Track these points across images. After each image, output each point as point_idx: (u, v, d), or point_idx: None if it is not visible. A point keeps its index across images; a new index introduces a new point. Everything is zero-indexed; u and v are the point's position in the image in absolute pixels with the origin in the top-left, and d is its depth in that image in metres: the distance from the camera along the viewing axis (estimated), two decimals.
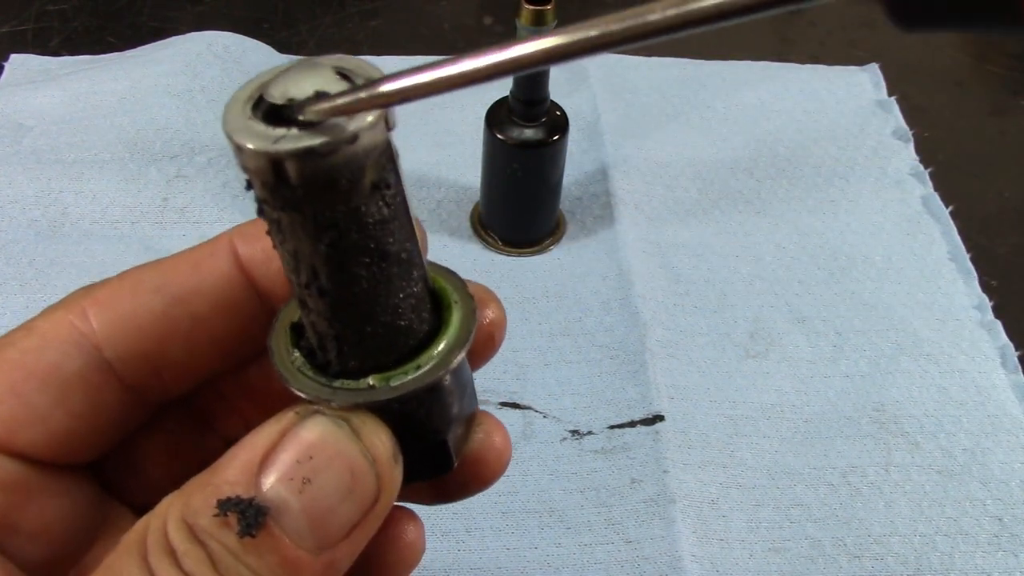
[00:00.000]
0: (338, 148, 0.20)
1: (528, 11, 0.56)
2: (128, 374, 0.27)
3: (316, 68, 0.22)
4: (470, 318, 0.25)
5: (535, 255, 0.66)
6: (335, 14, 0.86)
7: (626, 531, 0.52)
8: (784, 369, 0.60)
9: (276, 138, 0.20)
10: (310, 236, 0.22)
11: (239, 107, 0.21)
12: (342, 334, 0.24)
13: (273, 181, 0.21)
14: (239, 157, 0.21)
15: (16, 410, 0.25)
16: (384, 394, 0.24)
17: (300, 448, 0.23)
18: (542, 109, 0.62)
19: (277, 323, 0.26)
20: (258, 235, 0.28)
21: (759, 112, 0.77)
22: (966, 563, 0.52)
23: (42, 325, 0.27)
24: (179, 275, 0.28)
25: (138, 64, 0.75)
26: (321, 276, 0.23)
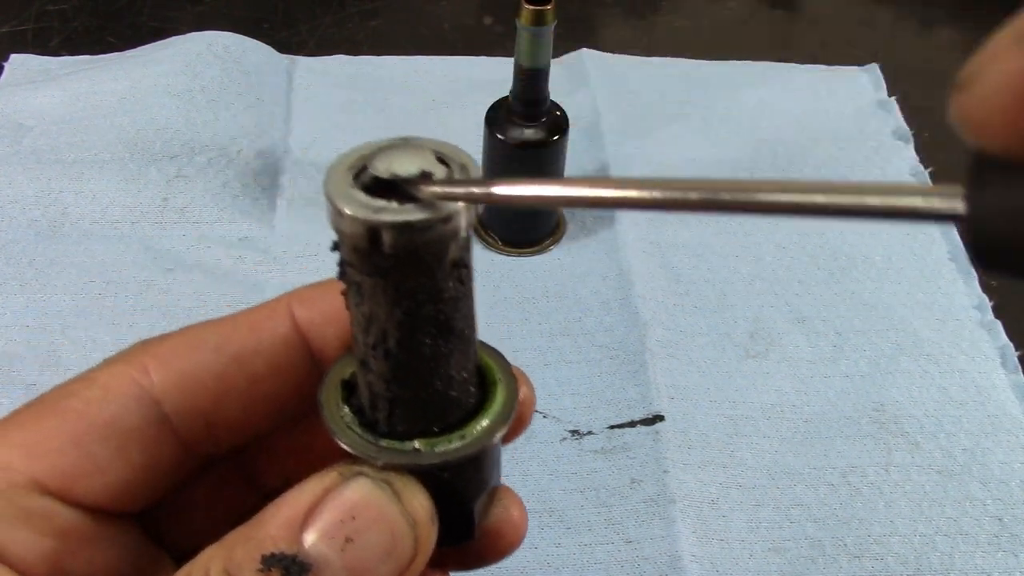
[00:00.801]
0: (433, 226, 0.22)
1: (528, 11, 0.56)
2: (183, 429, 0.28)
3: (418, 149, 0.23)
4: (512, 398, 0.27)
5: (535, 255, 0.66)
6: (335, 14, 0.86)
7: (626, 531, 0.52)
8: (784, 369, 0.60)
9: (377, 208, 0.22)
10: (389, 302, 0.23)
11: (341, 174, 0.23)
12: (397, 396, 0.25)
13: (366, 247, 0.22)
14: (337, 221, 0.22)
15: (77, 460, 0.26)
16: (428, 459, 0.25)
17: (343, 508, 0.23)
18: (542, 109, 0.62)
19: (327, 378, 0.27)
20: (316, 300, 0.29)
21: (759, 112, 0.77)
22: (966, 563, 0.52)
23: (103, 378, 0.28)
24: (238, 335, 0.29)
25: (138, 64, 0.75)
26: (390, 340, 0.24)
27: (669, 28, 0.88)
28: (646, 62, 0.81)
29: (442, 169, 0.23)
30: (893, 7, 0.91)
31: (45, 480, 0.26)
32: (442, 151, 0.24)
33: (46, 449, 0.26)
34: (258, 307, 0.30)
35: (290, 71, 0.78)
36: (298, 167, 0.70)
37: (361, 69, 0.79)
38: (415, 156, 0.23)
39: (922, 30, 0.90)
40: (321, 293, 0.29)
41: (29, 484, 0.26)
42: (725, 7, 0.90)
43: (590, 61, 0.80)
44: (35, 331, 0.59)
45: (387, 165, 0.22)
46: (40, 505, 0.26)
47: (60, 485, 0.26)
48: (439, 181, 0.22)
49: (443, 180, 0.22)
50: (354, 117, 0.75)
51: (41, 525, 0.26)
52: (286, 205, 0.68)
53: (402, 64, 0.80)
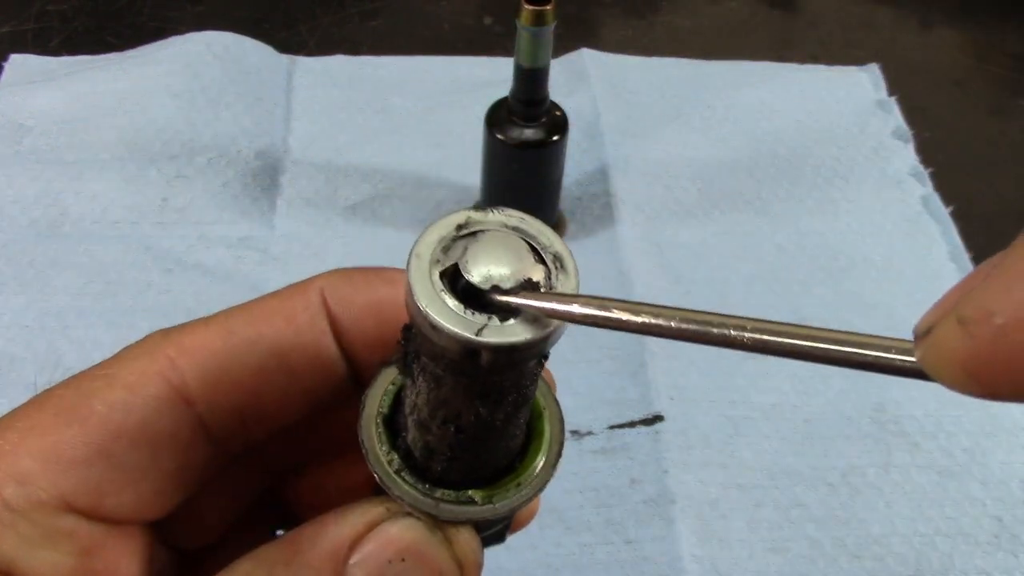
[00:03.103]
0: (536, 345, 0.20)
1: (528, 11, 0.56)
2: (217, 427, 0.26)
3: (509, 245, 0.21)
4: (560, 431, 0.25)
5: None
6: (335, 14, 0.86)
7: (626, 531, 0.52)
8: (784, 369, 0.60)
9: (479, 327, 0.20)
10: (469, 398, 0.22)
11: (425, 273, 0.21)
12: (458, 458, 0.24)
13: (460, 361, 0.21)
14: (428, 332, 0.20)
15: (106, 473, 0.24)
16: (488, 513, 0.24)
17: (392, 548, 0.23)
18: (542, 109, 0.62)
19: (365, 412, 0.25)
20: (352, 294, 0.27)
21: (759, 112, 0.77)
22: (966, 563, 0.52)
23: (126, 375, 0.25)
24: (274, 327, 0.27)
25: (138, 64, 0.75)
26: (463, 421, 0.23)
27: (669, 28, 0.88)
28: (646, 62, 0.81)
29: (540, 270, 0.21)
30: (893, 7, 0.91)
31: (71, 497, 0.24)
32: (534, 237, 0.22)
33: (71, 461, 0.24)
34: (288, 292, 0.27)
35: (290, 71, 0.78)
36: (298, 167, 0.70)
37: (361, 69, 0.79)
38: (511, 254, 0.21)
39: (922, 30, 0.90)
40: (356, 288, 0.28)
41: (54, 502, 0.24)
42: (725, 7, 0.90)
43: (590, 61, 0.80)
44: (35, 331, 0.59)
45: (484, 271, 0.21)
46: (64, 524, 0.24)
47: (88, 502, 0.24)
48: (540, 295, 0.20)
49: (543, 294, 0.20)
50: (354, 117, 0.75)
51: (66, 545, 0.24)
52: (286, 205, 0.68)
53: (402, 64, 0.80)
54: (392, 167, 0.71)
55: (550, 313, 0.20)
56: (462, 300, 0.20)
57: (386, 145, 0.73)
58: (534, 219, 0.22)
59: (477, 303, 0.20)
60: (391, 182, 0.70)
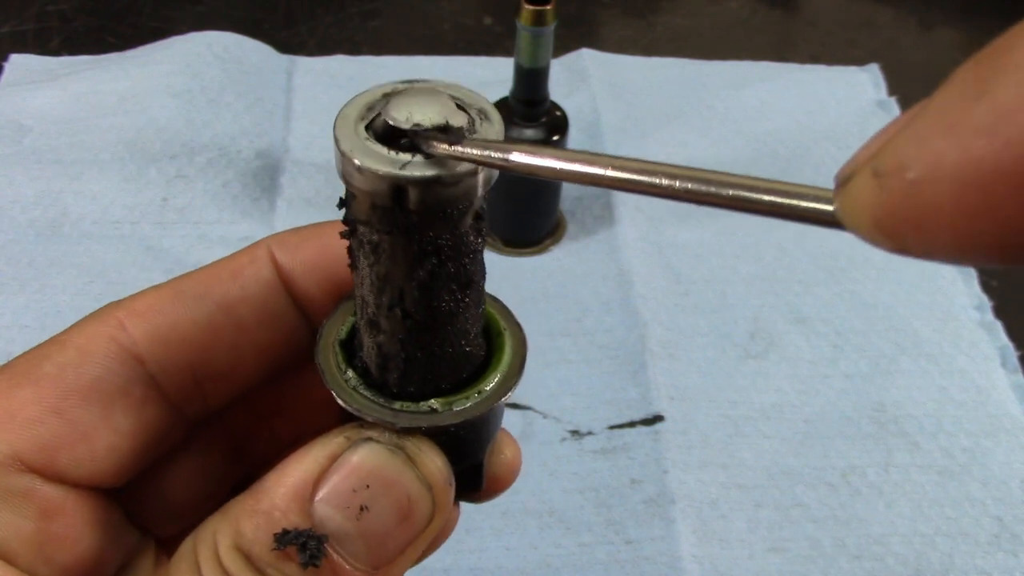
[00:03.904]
0: (462, 179, 0.20)
1: (528, 11, 0.56)
2: (171, 387, 0.26)
3: (434, 95, 0.21)
4: (522, 347, 0.26)
5: (535, 255, 0.66)
6: (335, 14, 0.86)
7: (626, 531, 0.52)
8: (784, 369, 0.60)
9: (402, 163, 0.20)
10: (410, 261, 0.22)
11: (350, 126, 0.21)
12: (412, 356, 0.24)
13: (389, 205, 0.21)
14: (353, 176, 0.21)
15: (57, 429, 0.24)
16: (448, 419, 0.24)
17: (356, 476, 0.22)
18: (542, 109, 0.62)
19: (322, 340, 0.25)
20: (298, 245, 0.28)
21: (759, 112, 0.77)
22: (966, 563, 0.52)
23: (76, 338, 0.25)
24: (221, 283, 0.27)
25: (138, 64, 0.75)
26: (407, 300, 0.23)
27: (669, 28, 0.88)
28: (646, 62, 0.81)
29: (462, 116, 0.21)
30: (893, 7, 0.91)
31: (25, 455, 0.24)
32: (458, 95, 0.22)
33: (23, 420, 0.24)
34: (237, 253, 0.28)
35: (290, 71, 0.78)
36: (298, 167, 0.70)
37: (361, 69, 0.79)
38: (433, 103, 0.21)
39: (922, 30, 0.90)
40: (303, 238, 0.28)
41: (7, 460, 0.24)
42: (725, 7, 0.90)
43: (590, 61, 0.80)
44: (35, 331, 0.59)
45: (405, 114, 0.21)
46: (21, 483, 0.24)
47: (42, 459, 0.24)
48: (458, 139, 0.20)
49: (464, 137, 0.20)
50: None
51: (23, 505, 0.24)
52: (286, 205, 0.68)
53: (402, 64, 0.80)
54: None
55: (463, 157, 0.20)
56: (386, 144, 0.20)
57: None
58: (463, 86, 0.22)
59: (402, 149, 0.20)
60: None
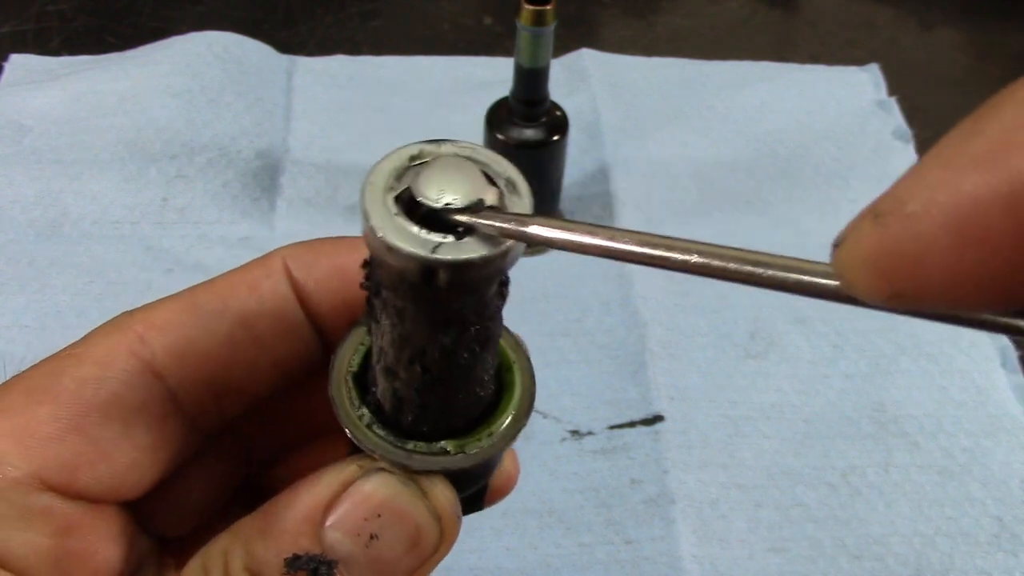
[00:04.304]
0: (494, 261, 0.21)
1: (528, 11, 0.56)
2: (188, 402, 0.26)
3: (464, 169, 0.21)
4: (531, 383, 0.26)
5: (535, 255, 0.66)
6: (335, 14, 0.86)
7: (626, 531, 0.52)
8: (784, 369, 0.60)
9: (434, 245, 0.20)
10: (433, 328, 0.22)
11: (379, 197, 0.21)
12: (427, 404, 0.24)
13: (417, 282, 0.21)
14: (382, 254, 0.21)
15: (79, 448, 0.24)
16: (460, 462, 0.24)
17: (367, 505, 0.23)
18: (542, 109, 0.62)
19: (335, 372, 0.25)
20: (312, 260, 0.28)
21: (759, 112, 0.77)
22: (966, 563, 0.52)
23: (94, 352, 0.25)
24: (238, 297, 0.27)
25: (138, 64, 0.75)
26: (427, 358, 0.23)
27: (669, 28, 0.88)
28: (646, 62, 0.81)
29: (493, 192, 0.21)
30: (893, 7, 0.91)
31: (45, 473, 0.24)
32: (486, 161, 0.22)
33: (43, 438, 0.24)
34: (250, 265, 0.28)
35: (290, 71, 0.78)
36: (298, 167, 0.70)
37: (361, 69, 0.79)
38: (464, 178, 0.21)
39: (922, 30, 0.90)
40: (318, 254, 0.28)
41: (28, 480, 0.24)
42: (725, 7, 0.90)
43: (590, 61, 0.80)
44: (35, 331, 0.59)
45: (436, 192, 0.21)
46: (40, 502, 0.24)
47: (62, 478, 0.24)
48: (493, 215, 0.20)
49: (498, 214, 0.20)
50: (354, 117, 0.75)
51: (42, 524, 0.24)
52: (286, 205, 0.68)
53: (402, 64, 0.80)
54: None
55: (506, 233, 0.20)
56: (417, 222, 0.21)
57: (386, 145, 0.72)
58: (486, 149, 0.22)
59: (432, 225, 0.21)
60: None
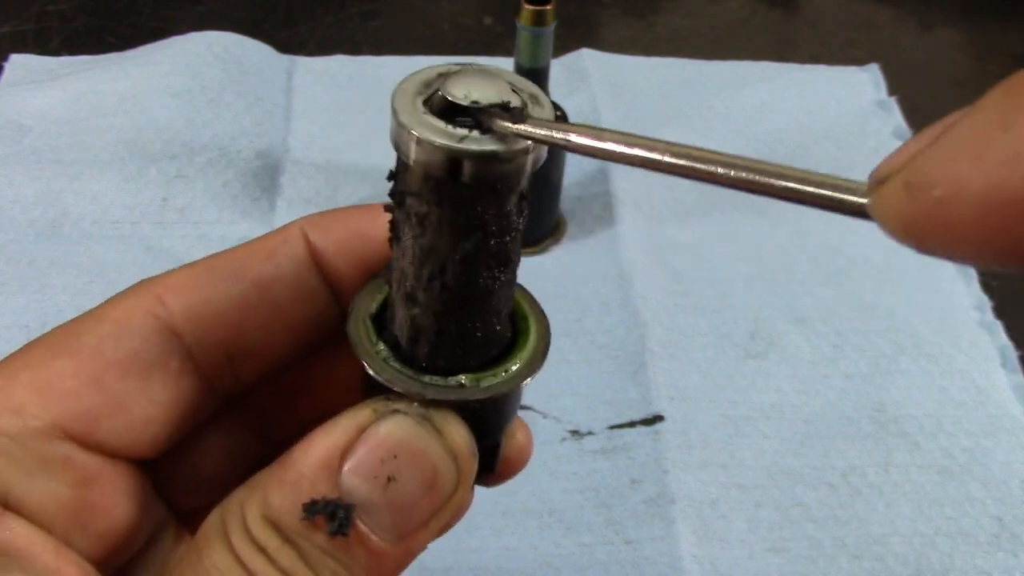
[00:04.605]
0: (516, 157, 0.21)
1: (528, 11, 0.56)
2: (205, 362, 0.27)
3: (491, 77, 0.22)
4: (545, 332, 0.26)
5: (535, 255, 0.66)
6: (335, 14, 0.86)
7: (626, 531, 0.52)
8: (784, 369, 0.60)
9: (460, 137, 0.21)
10: (456, 234, 0.23)
11: (408, 100, 0.22)
12: (445, 330, 0.24)
13: (443, 177, 0.21)
14: (409, 148, 0.21)
15: (98, 400, 0.25)
16: (474, 394, 0.24)
17: (383, 447, 0.23)
18: None
19: (354, 312, 0.26)
20: (331, 226, 0.28)
21: (759, 112, 0.77)
22: (966, 563, 0.52)
23: (113, 312, 0.26)
24: (255, 262, 0.27)
25: (138, 64, 0.75)
26: (448, 273, 0.23)
27: (669, 28, 0.88)
28: (646, 62, 0.81)
29: (517, 98, 0.22)
30: (893, 7, 0.91)
31: (65, 423, 0.24)
32: (510, 79, 0.23)
33: (63, 390, 0.24)
34: (270, 234, 0.28)
35: (290, 71, 0.78)
36: (298, 167, 0.70)
37: (361, 69, 0.79)
38: (491, 83, 0.22)
39: (922, 30, 0.90)
40: (336, 220, 0.28)
41: (47, 429, 0.24)
42: (725, 7, 0.90)
43: (590, 61, 0.80)
44: (35, 331, 0.59)
45: (465, 91, 0.21)
46: (59, 451, 0.24)
47: (81, 428, 0.24)
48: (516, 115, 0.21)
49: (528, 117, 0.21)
50: (354, 117, 0.75)
51: (60, 473, 0.24)
52: (286, 205, 0.68)
53: (402, 64, 0.80)
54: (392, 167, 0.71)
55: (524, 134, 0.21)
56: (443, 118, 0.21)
57: (386, 145, 0.73)
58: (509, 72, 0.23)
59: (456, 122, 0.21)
60: None
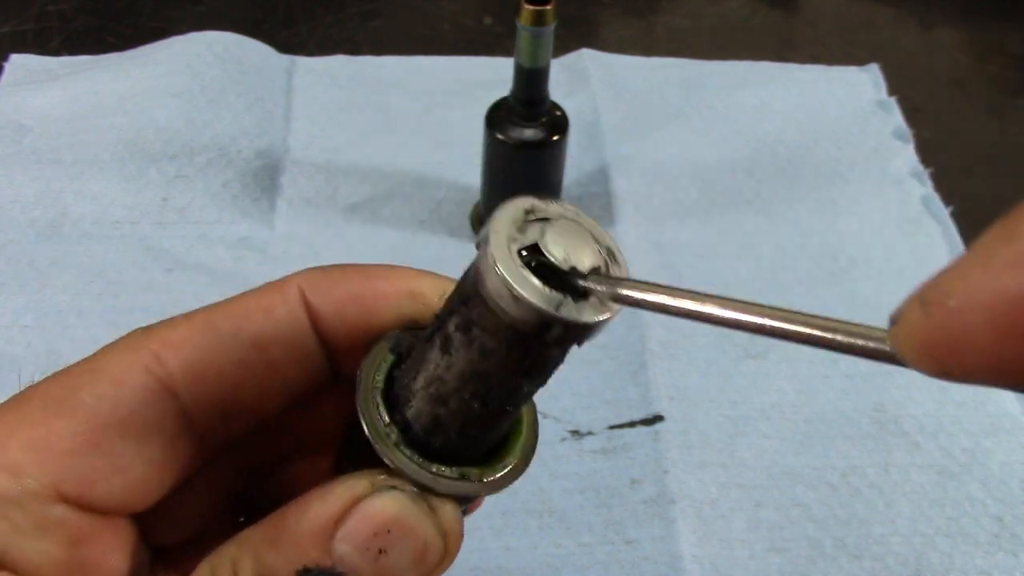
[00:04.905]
0: (600, 326, 0.22)
1: (528, 11, 0.56)
2: (200, 420, 0.27)
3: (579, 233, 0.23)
4: (535, 419, 0.27)
5: None
6: (335, 14, 0.86)
7: (626, 531, 0.52)
8: (784, 369, 0.60)
9: (557, 303, 0.21)
10: (515, 372, 0.23)
11: (505, 247, 0.22)
12: (466, 434, 0.25)
13: (528, 332, 0.22)
14: (503, 301, 0.21)
15: (95, 463, 0.25)
16: (477, 489, 0.25)
17: (377, 521, 0.23)
18: (542, 109, 0.62)
19: (362, 388, 0.26)
20: (329, 287, 0.28)
21: (759, 112, 0.77)
22: (966, 563, 0.52)
23: (111, 368, 0.26)
24: (253, 320, 0.27)
25: (138, 64, 0.75)
26: (492, 396, 0.24)
27: (669, 28, 0.88)
28: (646, 62, 0.81)
29: (600, 258, 0.22)
30: (893, 7, 0.91)
31: (62, 487, 0.24)
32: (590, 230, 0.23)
33: (61, 452, 0.24)
34: (266, 288, 0.28)
35: (290, 71, 0.78)
36: (298, 167, 0.70)
37: (361, 69, 0.79)
38: (584, 243, 0.22)
39: (922, 30, 0.90)
40: (335, 280, 0.28)
41: (45, 491, 0.24)
42: (725, 7, 0.90)
43: (590, 61, 0.80)
44: (35, 331, 0.59)
45: (563, 253, 0.22)
46: (56, 514, 0.24)
47: (77, 490, 0.25)
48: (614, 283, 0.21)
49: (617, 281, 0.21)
50: (354, 117, 0.75)
51: (56, 534, 0.24)
52: (286, 205, 0.68)
53: (402, 64, 0.80)
54: (392, 167, 0.71)
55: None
56: (539, 276, 0.21)
57: (386, 145, 0.73)
58: (584, 216, 0.24)
59: (552, 283, 0.22)
60: (391, 182, 0.70)
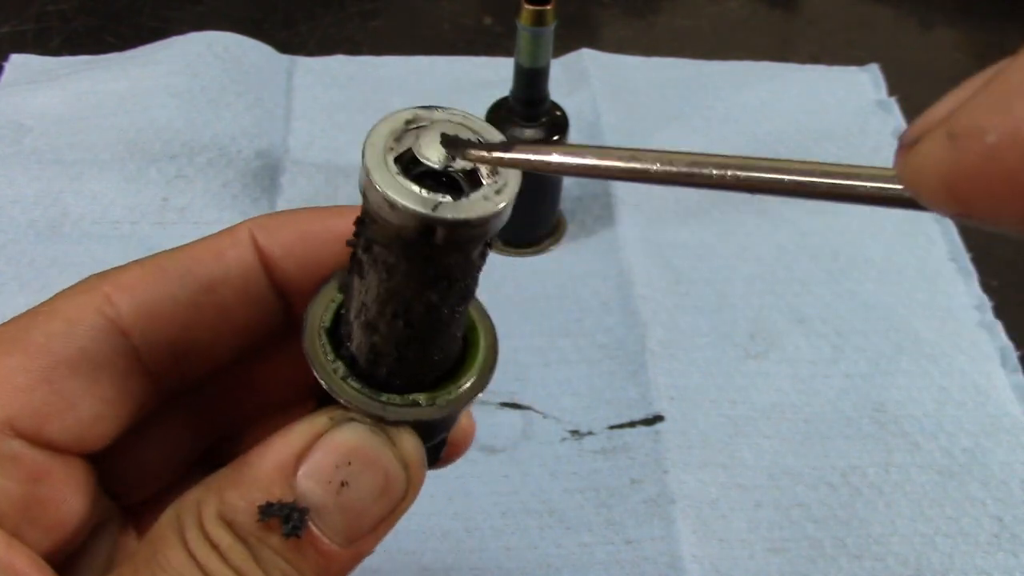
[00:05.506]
0: (488, 220, 0.22)
1: (528, 11, 0.56)
2: (152, 361, 0.27)
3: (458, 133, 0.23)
4: (494, 344, 0.27)
5: (535, 255, 0.66)
6: (335, 14, 0.86)
7: (626, 531, 0.52)
8: (784, 369, 0.60)
9: (435, 204, 0.21)
10: (422, 283, 0.23)
11: (379, 157, 0.22)
12: (404, 357, 0.25)
13: (414, 238, 0.22)
14: (382, 210, 0.21)
15: (48, 398, 0.25)
16: (430, 413, 0.25)
17: (338, 453, 0.24)
18: (542, 109, 0.62)
19: (308, 326, 0.26)
20: (279, 229, 0.29)
21: (759, 112, 0.77)
22: (966, 563, 0.52)
23: (65, 308, 0.27)
24: (204, 264, 0.28)
25: (138, 64, 0.75)
26: (412, 313, 0.24)
27: (669, 28, 0.88)
28: (646, 62, 0.81)
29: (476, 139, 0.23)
30: (893, 7, 0.91)
31: (15, 421, 0.25)
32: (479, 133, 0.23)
33: (13, 387, 0.25)
34: (218, 234, 0.29)
35: (290, 71, 0.78)
36: (298, 167, 0.70)
37: (361, 69, 0.79)
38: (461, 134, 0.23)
39: (922, 30, 0.90)
40: (284, 222, 0.29)
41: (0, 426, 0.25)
42: (725, 7, 0.90)
43: (590, 61, 0.80)
44: None
45: (439, 154, 0.22)
46: (11, 448, 0.25)
47: (31, 426, 0.25)
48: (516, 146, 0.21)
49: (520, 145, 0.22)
50: (354, 117, 0.75)
51: (11, 470, 0.25)
52: (286, 205, 0.68)
53: (402, 64, 0.80)
54: None
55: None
56: (416, 182, 0.22)
57: None
58: (476, 118, 0.24)
59: (430, 186, 0.22)
60: None
